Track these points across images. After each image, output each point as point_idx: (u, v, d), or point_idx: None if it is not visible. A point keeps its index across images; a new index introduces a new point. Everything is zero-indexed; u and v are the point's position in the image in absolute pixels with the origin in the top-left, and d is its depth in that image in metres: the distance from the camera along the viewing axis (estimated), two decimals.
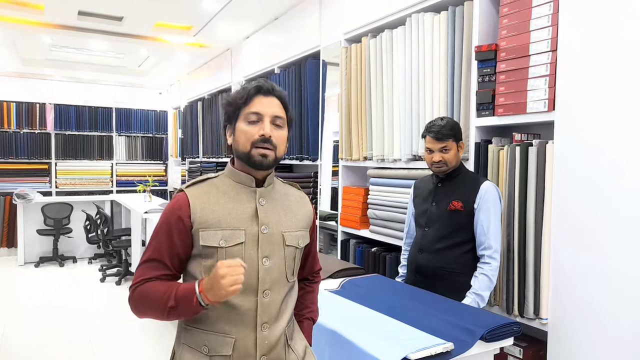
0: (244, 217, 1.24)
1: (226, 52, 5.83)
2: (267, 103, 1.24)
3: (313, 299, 1.50)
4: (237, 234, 1.22)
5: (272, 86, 1.27)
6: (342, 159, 3.32)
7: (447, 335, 1.48)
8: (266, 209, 1.27)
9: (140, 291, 1.19)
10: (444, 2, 2.48)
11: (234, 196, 1.25)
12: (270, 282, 1.25)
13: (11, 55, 6.69)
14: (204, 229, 1.20)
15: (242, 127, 1.24)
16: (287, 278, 1.29)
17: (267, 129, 1.22)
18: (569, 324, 1.87)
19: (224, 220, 1.22)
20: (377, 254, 2.97)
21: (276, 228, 1.27)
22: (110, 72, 7.80)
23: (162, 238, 1.22)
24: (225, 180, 1.28)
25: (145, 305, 1.18)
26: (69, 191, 7.57)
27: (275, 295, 1.26)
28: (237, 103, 1.25)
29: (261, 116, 1.23)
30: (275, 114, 1.25)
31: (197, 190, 1.25)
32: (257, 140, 1.21)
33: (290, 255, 1.30)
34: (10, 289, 5.28)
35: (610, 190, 1.74)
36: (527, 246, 2.01)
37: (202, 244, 1.20)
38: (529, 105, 2.01)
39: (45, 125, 7.47)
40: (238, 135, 1.25)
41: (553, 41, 1.92)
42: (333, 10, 3.60)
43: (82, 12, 4.66)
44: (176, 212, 1.21)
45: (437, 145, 2.04)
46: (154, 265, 1.21)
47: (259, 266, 1.23)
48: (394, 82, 2.81)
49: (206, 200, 1.23)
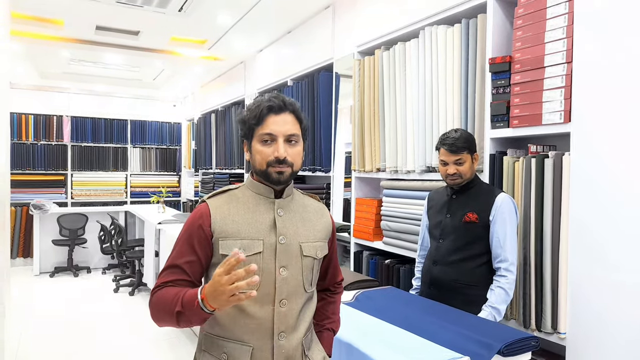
0: (263, 227, 1.26)
1: (240, 65, 5.91)
2: (280, 122, 1.25)
3: (334, 310, 1.50)
4: (255, 244, 1.24)
5: (283, 102, 1.27)
6: (355, 170, 3.32)
7: (464, 349, 1.46)
8: (284, 219, 1.29)
9: (157, 296, 1.21)
10: (457, 14, 2.49)
11: (253, 207, 1.28)
12: (287, 292, 1.26)
13: (30, 69, 6.86)
14: (224, 238, 1.23)
15: (257, 147, 1.26)
16: (305, 288, 1.30)
17: (282, 151, 1.23)
18: (588, 339, 1.83)
19: (243, 230, 1.25)
20: (391, 266, 2.96)
21: (294, 239, 1.28)
22: (126, 85, 7.95)
23: (183, 246, 1.25)
24: (245, 192, 1.32)
25: (159, 309, 1.20)
26: (84, 202, 7.67)
27: (293, 305, 1.27)
28: (251, 123, 1.27)
29: (275, 137, 1.24)
30: (289, 132, 1.25)
31: (218, 201, 1.29)
32: (272, 161, 1.24)
33: (308, 266, 1.30)
34: (26, 299, 5.33)
35: (628, 202, 1.71)
36: (544, 259, 1.99)
37: (221, 252, 1.23)
38: (544, 116, 2.00)
39: (62, 137, 7.61)
40: (254, 154, 1.27)
41: (568, 53, 1.91)
42: (346, 23, 3.63)
43: (100, 27, 4.77)
44: (197, 221, 1.25)
45: (451, 158, 2.03)
46: (173, 272, 1.24)
47: (276, 276, 1.25)
48: (408, 94, 2.82)
49: (226, 211, 1.27)
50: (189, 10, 4.15)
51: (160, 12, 4.24)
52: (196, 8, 4.11)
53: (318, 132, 3.83)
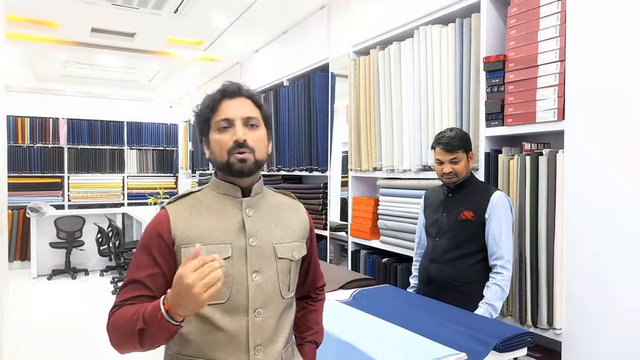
0: (230, 229, 1.15)
1: (236, 66, 5.91)
2: (236, 105, 1.16)
3: (316, 320, 1.38)
4: (222, 248, 1.12)
5: (238, 87, 1.18)
6: (352, 169, 3.34)
7: (460, 346, 1.47)
8: (254, 219, 1.18)
9: (114, 317, 1.07)
10: (452, 14, 2.50)
11: (218, 208, 1.17)
12: (263, 299, 1.14)
13: (26, 72, 6.84)
14: (186, 245, 1.11)
15: (214, 136, 1.16)
16: (282, 294, 1.18)
17: (240, 133, 1.13)
18: (583, 334, 1.85)
19: (208, 235, 1.13)
20: (388, 264, 2.97)
21: (266, 240, 1.17)
22: (122, 87, 7.93)
23: (142, 258, 1.12)
24: (209, 193, 1.20)
25: (118, 332, 1.05)
26: (81, 204, 7.66)
27: (269, 314, 1.15)
28: (205, 113, 1.18)
29: (231, 121, 1.14)
30: (246, 114, 1.16)
31: (179, 205, 1.17)
32: (231, 148, 1.13)
33: (284, 269, 1.19)
34: (23, 302, 5.33)
35: (621, 198, 1.73)
36: (540, 256, 2.01)
37: (185, 261, 1.06)
38: (538, 114, 2.02)
39: (58, 140, 7.59)
40: (212, 146, 1.17)
41: (561, 51, 1.93)
42: (341, 23, 3.64)
43: (95, 29, 4.77)
44: (155, 229, 1.13)
45: (447, 157, 2.05)
46: (133, 287, 1.10)
47: (249, 282, 1.13)
48: (403, 93, 2.83)
49: (188, 215, 1.15)
50: (185, 11, 4.16)
51: (156, 14, 4.24)
52: (191, 9, 4.12)
53: (314, 132, 3.85)
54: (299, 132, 4.09)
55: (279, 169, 4.48)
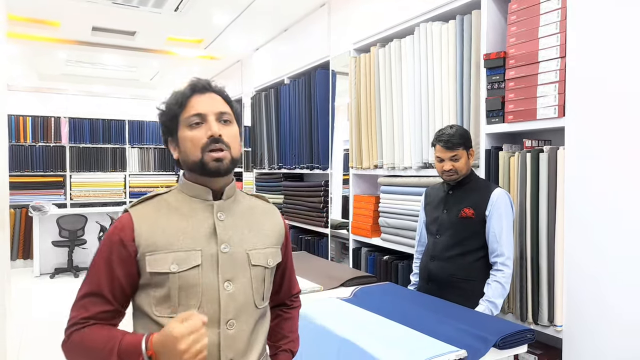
0: (200, 235, 1.06)
1: (237, 64, 5.91)
2: (207, 100, 1.09)
3: (292, 327, 1.31)
4: (192, 256, 1.03)
5: (207, 82, 1.12)
6: (353, 167, 3.34)
7: (460, 343, 1.47)
8: (226, 224, 1.10)
9: (76, 341, 1.00)
10: (452, 11, 2.50)
11: (187, 212, 1.08)
12: (235, 310, 1.07)
13: (28, 71, 6.86)
14: (151, 253, 1.02)
15: (185, 133, 1.07)
16: (256, 304, 1.12)
17: (215, 128, 1.05)
18: (584, 331, 1.85)
19: (176, 241, 1.04)
20: (389, 262, 2.97)
21: (239, 246, 1.10)
22: (123, 86, 7.94)
23: (101, 267, 1.03)
24: (177, 196, 1.11)
25: (82, 357, 1.00)
26: (84, 203, 7.68)
27: (242, 326, 1.08)
28: (173, 110, 1.09)
29: (204, 116, 1.07)
30: (220, 109, 1.09)
31: (144, 209, 1.07)
32: (206, 144, 1.05)
33: (259, 277, 1.12)
34: (26, 300, 5.35)
35: (622, 194, 1.73)
36: (540, 252, 2.00)
37: (149, 270, 1.01)
38: (539, 111, 2.01)
39: (60, 139, 7.60)
40: (183, 144, 1.08)
41: (562, 48, 1.92)
42: (342, 21, 3.64)
43: (96, 28, 4.77)
44: (117, 236, 1.03)
45: (447, 154, 2.04)
46: (93, 301, 1.02)
47: (220, 292, 1.05)
48: (404, 91, 2.83)
49: (154, 220, 1.05)
50: (185, 9, 4.16)
51: (156, 12, 4.24)
52: (192, 7, 4.11)
53: (315, 129, 3.84)
54: (300, 130, 4.09)
55: (280, 167, 4.49)
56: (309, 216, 3.94)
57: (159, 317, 1.03)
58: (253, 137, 5.17)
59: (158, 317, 1.03)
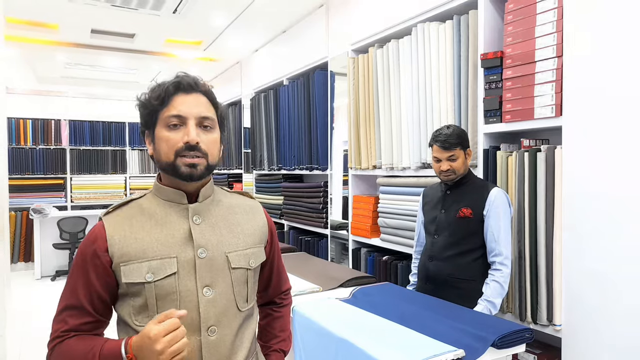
0: (175, 241, 1.03)
1: (236, 66, 5.92)
2: (191, 102, 1.03)
3: (283, 326, 1.29)
4: (167, 264, 1.01)
5: (194, 80, 1.06)
6: (352, 168, 3.34)
7: (458, 342, 1.47)
8: (202, 228, 1.06)
9: (58, 353, 0.99)
10: (449, 11, 2.50)
11: (162, 218, 1.04)
12: (216, 315, 1.04)
13: (27, 74, 6.87)
14: (125, 263, 0.99)
15: (162, 133, 1.02)
16: (239, 307, 1.08)
17: (193, 134, 1.01)
18: (583, 330, 1.85)
19: (150, 249, 1.01)
20: (389, 262, 2.97)
21: (217, 249, 1.06)
22: (123, 88, 7.96)
23: (78, 279, 1.01)
24: (152, 200, 1.07)
25: None
26: (84, 205, 7.69)
27: (225, 331, 1.05)
28: (153, 105, 1.04)
29: (184, 119, 1.02)
30: (202, 114, 1.03)
31: (117, 216, 1.04)
32: (181, 149, 1.01)
33: (240, 280, 1.09)
34: (27, 303, 5.35)
35: (620, 193, 1.73)
36: (539, 252, 2.00)
37: (124, 281, 0.99)
38: (536, 111, 2.01)
39: (61, 141, 7.61)
40: (158, 143, 1.03)
41: (558, 47, 1.92)
42: (340, 22, 3.64)
43: (95, 30, 4.78)
44: (90, 247, 1.01)
45: (444, 154, 2.04)
46: (72, 314, 1.01)
47: (200, 298, 1.02)
48: (402, 91, 2.83)
49: (127, 228, 1.02)
50: (184, 11, 4.16)
51: (155, 15, 4.25)
52: (190, 9, 4.12)
53: (314, 130, 3.85)
54: (299, 131, 4.09)
55: (280, 168, 4.49)
56: (309, 217, 3.94)
57: (139, 326, 1.01)
58: (252, 139, 5.17)
59: (138, 327, 1.01)
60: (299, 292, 2.08)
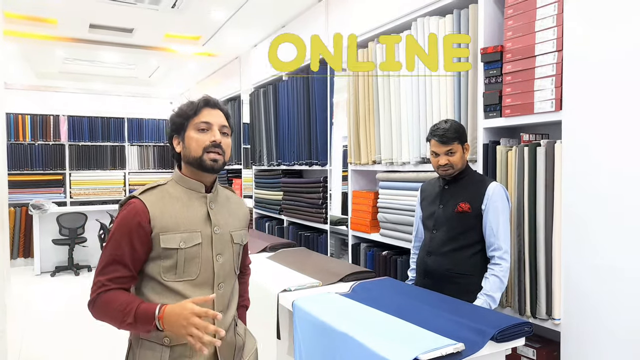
0: (198, 220, 1.38)
1: (235, 61, 5.90)
2: (215, 114, 1.41)
3: (245, 289, 1.70)
4: (194, 236, 1.36)
5: (217, 101, 1.45)
6: (351, 163, 3.34)
7: (458, 336, 1.48)
8: (215, 212, 1.43)
9: (103, 301, 1.27)
10: (449, 5, 2.49)
11: (186, 201, 1.39)
12: (224, 275, 1.42)
13: (26, 69, 6.85)
14: (164, 233, 1.32)
15: (192, 135, 1.38)
16: (235, 271, 1.50)
17: (218, 136, 1.38)
18: (582, 324, 1.85)
19: (182, 224, 1.35)
20: (388, 257, 2.98)
21: (225, 228, 1.44)
22: (122, 83, 7.93)
23: (123, 243, 1.30)
24: (176, 187, 1.41)
25: (106, 315, 1.28)
26: (83, 201, 7.68)
27: (227, 287, 1.45)
28: (187, 114, 1.39)
29: (210, 125, 1.39)
30: (222, 123, 1.42)
31: (152, 196, 1.36)
32: (208, 146, 1.36)
33: (237, 252, 1.49)
34: (27, 298, 5.36)
35: (619, 188, 1.73)
36: (538, 246, 2.01)
37: (163, 246, 1.32)
38: (536, 105, 2.01)
39: (59, 137, 7.60)
40: (189, 142, 1.38)
41: (559, 41, 1.92)
42: (339, 17, 3.63)
43: (94, 25, 4.76)
44: (135, 219, 1.31)
45: (442, 149, 2.04)
46: (116, 268, 1.30)
47: (214, 263, 1.40)
48: (401, 86, 2.83)
49: (162, 206, 1.35)
50: (182, 6, 4.15)
51: (154, 9, 4.23)
52: (189, 4, 4.10)
53: (314, 126, 3.84)
54: (299, 126, 4.08)
55: (279, 164, 4.48)
56: (309, 212, 3.94)
57: (167, 281, 1.34)
58: (252, 134, 5.16)
59: (165, 282, 1.34)
60: (299, 286, 2.09)
